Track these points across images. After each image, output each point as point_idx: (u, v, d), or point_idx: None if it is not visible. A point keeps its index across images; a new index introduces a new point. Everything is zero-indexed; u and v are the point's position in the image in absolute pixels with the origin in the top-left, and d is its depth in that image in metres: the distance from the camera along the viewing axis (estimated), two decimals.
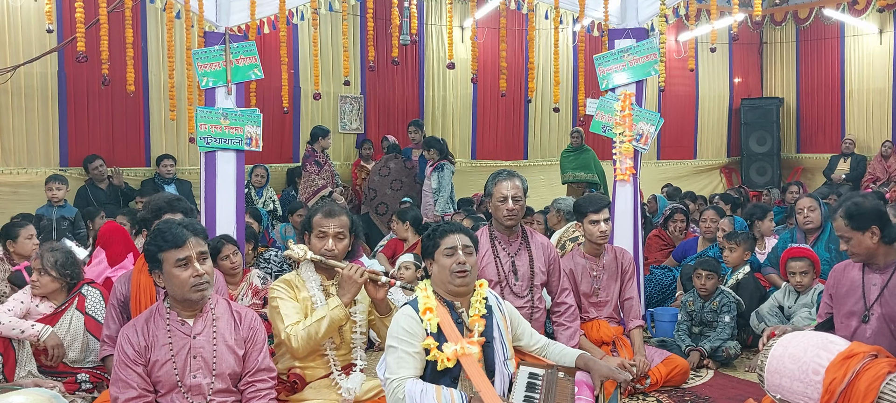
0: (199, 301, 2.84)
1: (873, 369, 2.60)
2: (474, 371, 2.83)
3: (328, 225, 3.32)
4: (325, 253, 3.28)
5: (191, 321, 2.86)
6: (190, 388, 2.79)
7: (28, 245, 4.88)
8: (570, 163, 9.64)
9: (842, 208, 3.27)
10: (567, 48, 10.66)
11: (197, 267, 2.78)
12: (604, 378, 3.08)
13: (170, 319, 2.85)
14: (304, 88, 9.13)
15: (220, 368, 2.83)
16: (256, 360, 2.91)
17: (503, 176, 4.04)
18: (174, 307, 2.87)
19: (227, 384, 2.86)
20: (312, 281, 3.28)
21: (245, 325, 2.94)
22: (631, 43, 5.34)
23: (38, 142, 7.39)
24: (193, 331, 2.84)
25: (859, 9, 10.80)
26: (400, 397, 2.80)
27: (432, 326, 2.92)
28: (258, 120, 5.30)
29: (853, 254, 3.29)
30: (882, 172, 10.37)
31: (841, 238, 3.30)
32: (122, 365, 2.77)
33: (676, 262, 6.35)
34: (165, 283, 2.83)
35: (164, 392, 2.79)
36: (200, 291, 2.80)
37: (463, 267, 3.01)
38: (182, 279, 2.77)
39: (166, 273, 2.79)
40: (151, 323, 2.84)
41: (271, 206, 8.03)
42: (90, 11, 5.58)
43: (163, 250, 2.78)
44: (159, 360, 2.78)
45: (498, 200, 4.01)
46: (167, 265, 2.78)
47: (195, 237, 2.82)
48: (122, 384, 2.75)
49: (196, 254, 2.79)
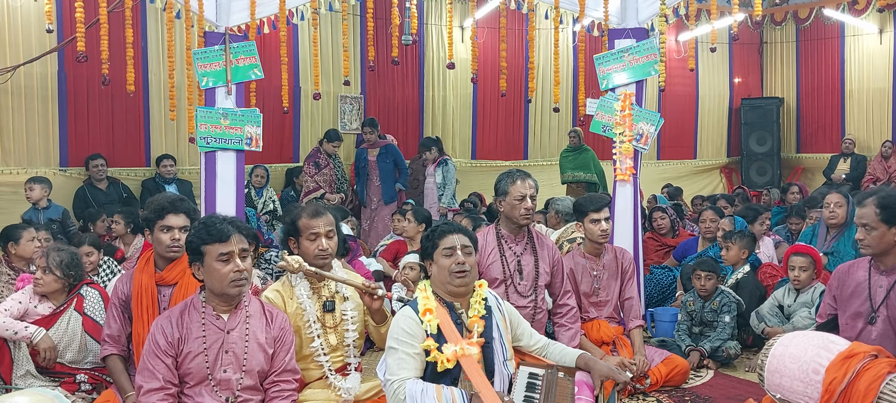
0: (236, 296, 2.88)
1: (873, 369, 2.59)
2: (474, 372, 2.84)
3: (317, 224, 3.32)
4: (321, 252, 3.28)
5: (225, 316, 2.89)
6: (219, 382, 2.83)
7: (30, 247, 4.88)
8: (569, 164, 9.64)
9: (875, 196, 3.20)
10: (567, 48, 10.66)
11: (238, 262, 2.83)
12: (604, 378, 3.07)
13: (205, 313, 2.88)
14: (304, 88, 9.13)
15: (250, 365, 2.87)
16: (283, 360, 2.95)
17: (519, 175, 4.05)
18: (210, 301, 2.90)
19: (255, 381, 2.89)
20: (302, 289, 3.28)
21: (276, 325, 2.98)
22: (631, 43, 5.34)
23: (38, 142, 7.39)
24: (227, 326, 2.88)
25: (859, 9, 10.80)
26: (401, 397, 2.80)
27: (432, 327, 2.92)
28: (258, 120, 5.29)
29: (867, 246, 3.23)
30: (882, 172, 10.37)
31: (862, 226, 3.22)
32: (151, 355, 2.80)
33: (677, 262, 6.35)
34: (205, 276, 2.86)
35: (193, 383, 2.82)
36: (239, 287, 2.85)
37: (462, 268, 3.01)
38: (223, 273, 2.81)
39: (207, 266, 2.83)
40: (186, 316, 2.88)
41: (271, 206, 8.02)
42: (90, 11, 5.58)
43: (206, 243, 2.82)
44: (192, 352, 2.82)
45: (515, 199, 4.00)
46: (209, 258, 2.82)
47: (239, 234, 2.87)
48: (147, 373, 2.78)
49: (238, 251, 2.84)
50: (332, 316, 3.30)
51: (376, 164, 8.19)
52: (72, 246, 4.30)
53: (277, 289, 3.31)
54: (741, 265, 5.19)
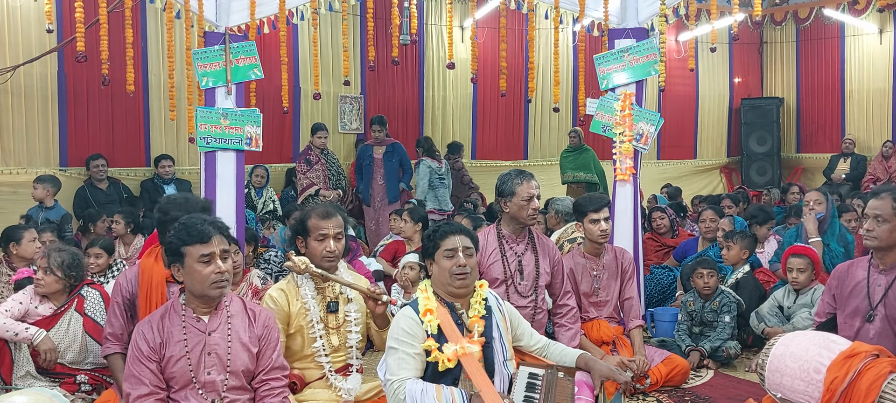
0: (216, 297, 2.86)
1: (875, 368, 2.59)
2: (475, 370, 2.84)
3: (327, 226, 3.31)
4: (327, 254, 3.28)
5: (206, 318, 2.87)
6: (204, 384, 2.81)
7: (31, 248, 4.88)
8: (569, 164, 9.64)
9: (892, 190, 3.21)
10: (567, 48, 10.66)
11: (219, 264, 2.81)
12: (604, 378, 3.08)
13: (185, 316, 2.86)
14: (304, 88, 9.13)
15: (234, 365, 2.85)
16: (270, 358, 2.93)
17: (526, 176, 4.04)
18: (190, 303, 2.88)
19: (242, 381, 2.87)
20: (306, 289, 3.27)
21: (260, 323, 2.95)
22: (631, 43, 5.33)
23: (38, 142, 7.38)
24: (208, 328, 2.85)
25: (859, 9, 10.80)
26: (401, 397, 2.80)
27: (433, 328, 2.92)
28: (258, 120, 5.29)
29: (874, 238, 3.22)
30: (883, 172, 10.36)
31: (876, 217, 3.20)
32: (135, 361, 2.77)
33: (677, 262, 6.35)
34: (185, 278, 2.83)
35: (178, 387, 2.80)
36: (220, 288, 2.82)
37: (463, 270, 3.01)
38: (204, 275, 2.78)
39: (188, 267, 2.80)
40: (167, 320, 2.85)
41: (271, 206, 8.02)
42: (90, 11, 5.58)
43: (187, 244, 2.79)
44: (174, 356, 2.80)
45: (523, 200, 3.99)
46: (190, 259, 2.79)
47: (220, 235, 2.85)
48: (134, 380, 2.76)
49: (219, 252, 2.82)
50: (336, 317, 3.30)
51: (382, 162, 8.17)
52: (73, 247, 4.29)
53: (282, 288, 3.30)
54: (741, 265, 5.19)
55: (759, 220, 6.18)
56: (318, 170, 7.94)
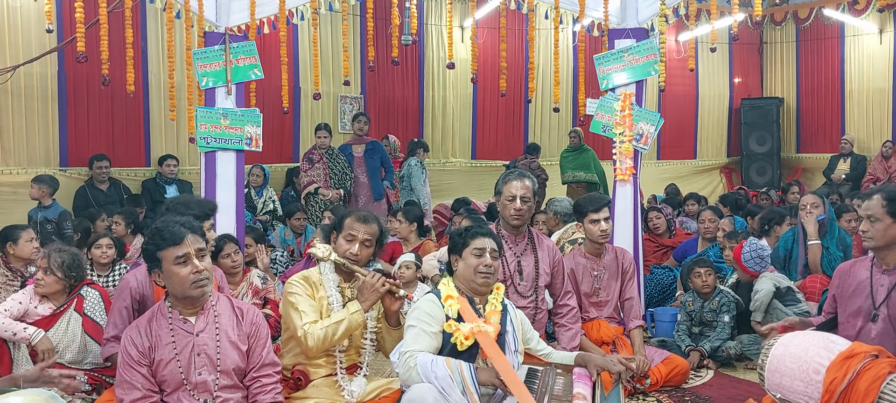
0: (199, 298, 2.85)
1: (874, 369, 2.59)
2: (489, 345, 3.01)
3: (359, 230, 3.33)
4: (350, 256, 3.30)
5: (192, 319, 2.87)
6: (196, 385, 2.81)
7: (28, 248, 4.87)
8: (569, 164, 9.64)
9: (883, 191, 3.23)
10: (567, 48, 10.66)
11: (196, 263, 2.80)
12: (599, 368, 3.33)
13: (172, 318, 2.86)
14: (304, 88, 9.14)
15: (224, 364, 2.85)
16: (260, 355, 2.93)
17: (514, 175, 4.05)
18: (176, 306, 2.88)
19: (233, 380, 2.87)
20: (331, 282, 3.28)
21: (247, 321, 2.96)
22: (631, 43, 5.34)
23: (38, 142, 7.39)
24: (196, 329, 2.85)
25: (859, 9, 10.80)
26: (411, 365, 2.92)
27: (453, 312, 3.11)
28: (258, 120, 5.30)
29: (870, 239, 3.23)
30: (882, 172, 10.36)
31: (868, 218, 3.23)
32: (126, 367, 2.78)
33: (677, 262, 6.34)
34: (166, 282, 2.83)
35: (170, 390, 2.80)
36: (201, 288, 2.81)
37: (488, 269, 3.20)
38: (181, 276, 2.78)
39: (166, 271, 2.80)
40: (154, 323, 2.85)
41: (271, 206, 8.02)
42: (90, 11, 5.58)
43: (161, 248, 2.79)
44: (164, 359, 2.80)
45: (506, 199, 4.02)
46: (166, 263, 2.79)
47: (193, 234, 2.83)
48: (126, 385, 2.76)
49: (195, 251, 2.80)
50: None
51: (363, 160, 8.15)
52: (73, 247, 4.29)
53: (307, 275, 3.32)
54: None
55: (777, 220, 6.11)
56: (319, 169, 7.94)
